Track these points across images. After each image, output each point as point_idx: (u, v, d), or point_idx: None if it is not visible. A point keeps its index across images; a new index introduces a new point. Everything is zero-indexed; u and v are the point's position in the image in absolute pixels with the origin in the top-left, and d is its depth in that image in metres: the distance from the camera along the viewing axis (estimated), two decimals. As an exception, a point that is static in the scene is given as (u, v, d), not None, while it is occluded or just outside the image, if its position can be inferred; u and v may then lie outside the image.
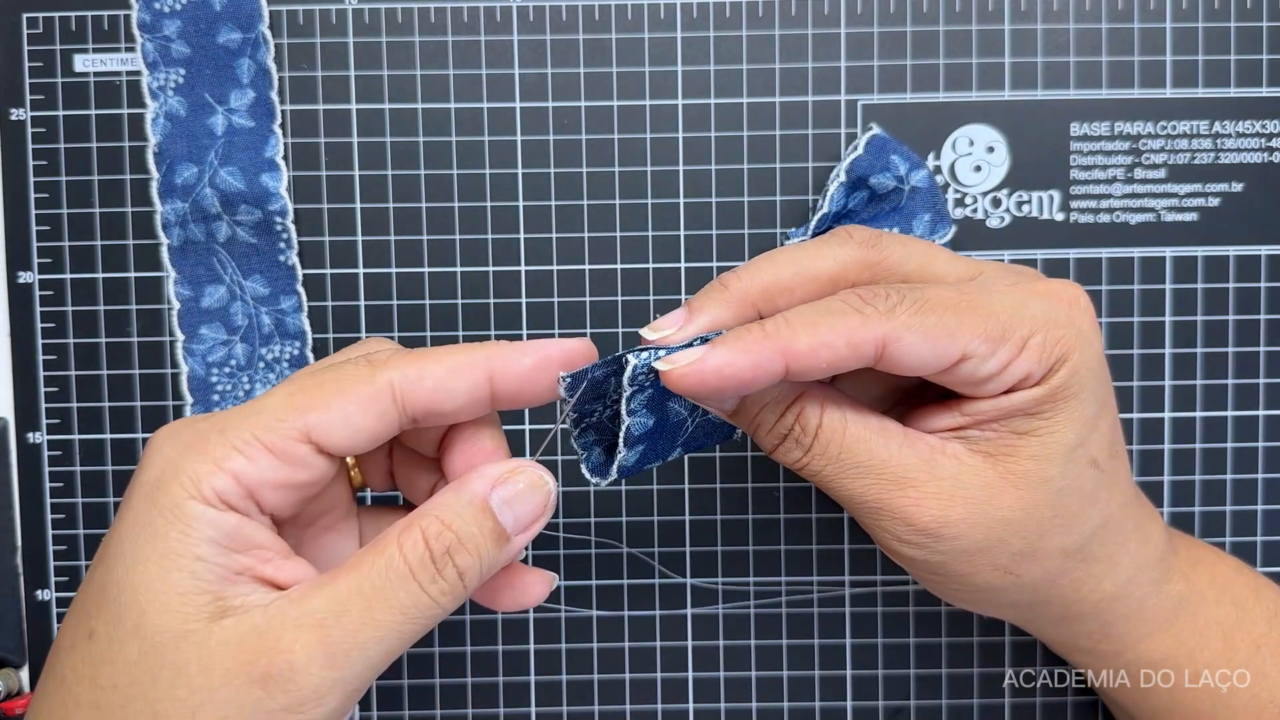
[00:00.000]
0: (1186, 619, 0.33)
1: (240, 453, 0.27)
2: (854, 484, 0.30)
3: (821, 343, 0.28)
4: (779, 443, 0.30)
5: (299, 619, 0.26)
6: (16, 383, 0.41)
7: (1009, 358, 0.29)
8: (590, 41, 0.40)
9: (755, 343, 0.28)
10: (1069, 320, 0.30)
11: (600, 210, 0.40)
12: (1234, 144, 0.40)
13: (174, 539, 0.26)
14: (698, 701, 0.41)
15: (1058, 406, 0.29)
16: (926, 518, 0.29)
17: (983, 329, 0.28)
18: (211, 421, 0.27)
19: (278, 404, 0.27)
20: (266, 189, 0.40)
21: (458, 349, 0.29)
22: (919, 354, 0.28)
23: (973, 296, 0.29)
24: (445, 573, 0.27)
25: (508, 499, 0.28)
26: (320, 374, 0.28)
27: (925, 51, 0.40)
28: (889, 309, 0.28)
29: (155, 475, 0.27)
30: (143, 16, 0.39)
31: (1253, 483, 0.41)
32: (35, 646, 0.41)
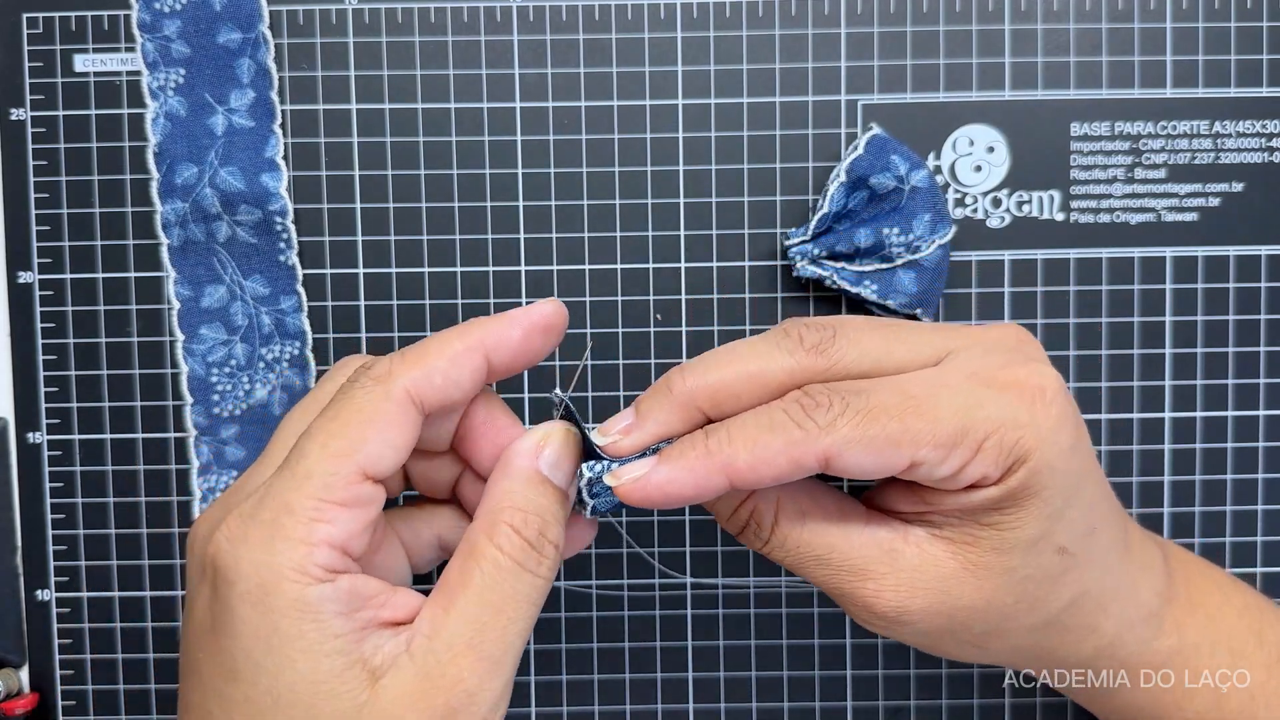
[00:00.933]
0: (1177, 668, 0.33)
1: (320, 521, 0.27)
2: (815, 573, 0.30)
3: (762, 460, 0.28)
4: (739, 531, 0.31)
5: (450, 649, 0.27)
6: (16, 383, 0.41)
7: (962, 462, 0.28)
8: (590, 41, 0.40)
9: (698, 460, 0.28)
10: (1030, 419, 0.28)
11: (600, 210, 0.40)
12: (1234, 144, 0.40)
13: (310, 632, 0.27)
14: (698, 702, 0.41)
15: (1019, 504, 0.29)
16: (888, 608, 0.30)
17: (930, 436, 0.27)
18: (269, 507, 0.27)
19: (322, 460, 0.27)
20: (266, 189, 0.40)
21: (449, 337, 0.29)
22: (863, 465, 0.28)
23: (920, 402, 0.28)
24: (545, 551, 0.29)
25: (553, 462, 0.30)
26: (339, 410, 0.28)
27: (925, 51, 0.40)
28: (829, 422, 0.28)
29: (256, 583, 0.26)
30: (143, 16, 0.39)
31: (1253, 483, 0.41)
32: (35, 647, 0.41)
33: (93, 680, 0.41)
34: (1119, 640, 0.32)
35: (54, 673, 0.41)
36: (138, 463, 0.41)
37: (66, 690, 0.41)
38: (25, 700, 0.40)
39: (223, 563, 0.27)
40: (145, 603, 0.41)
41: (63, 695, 0.41)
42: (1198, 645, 0.33)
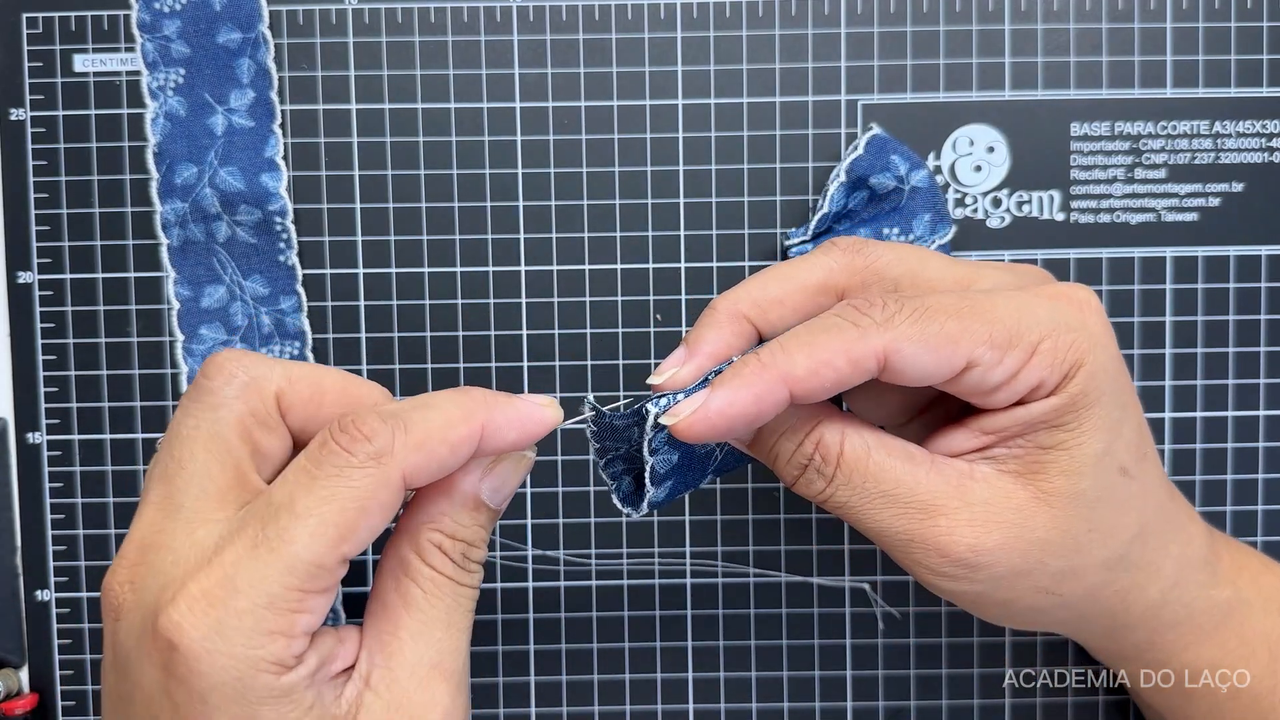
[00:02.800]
0: (1233, 628, 0.32)
1: (301, 613, 0.26)
2: (881, 514, 0.29)
3: (820, 362, 0.27)
4: (799, 474, 0.29)
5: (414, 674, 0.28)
6: (16, 383, 0.41)
7: (1018, 364, 0.28)
8: (590, 41, 0.40)
9: (754, 375, 0.27)
10: (1080, 323, 0.28)
11: (600, 210, 0.40)
12: (1234, 144, 0.40)
13: (289, 714, 0.26)
14: (698, 702, 0.41)
15: (1080, 416, 0.28)
16: (961, 547, 0.28)
17: (988, 335, 0.27)
18: (246, 595, 0.25)
19: (310, 548, 0.26)
20: (266, 189, 0.40)
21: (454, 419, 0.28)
22: (922, 364, 0.27)
23: (976, 301, 0.28)
24: (470, 568, 0.29)
25: (497, 488, 0.30)
26: (335, 492, 0.26)
27: (925, 51, 0.40)
28: (886, 318, 0.27)
29: (234, 678, 0.25)
30: (142, 16, 0.39)
31: (1253, 483, 0.41)
32: (35, 647, 0.41)
33: (92, 680, 0.41)
34: (1180, 584, 0.31)
35: (54, 673, 0.41)
36: (138, 463, 0.41)
37: (66, 690, 0.41)
38: (25, 700, 0.40)
39: (190, 651, 0.25)
40: (145, 603, 0.41)
41: (62, 695, 0.41)
42: (1251, 602, 0.33)
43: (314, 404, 0.30)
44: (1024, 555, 0.29)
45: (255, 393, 0.29)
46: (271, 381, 0.29)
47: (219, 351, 0.30)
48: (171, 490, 0.28)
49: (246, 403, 0.29)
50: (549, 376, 0.40)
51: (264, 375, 0.29)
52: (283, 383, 0.29)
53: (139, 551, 0.27)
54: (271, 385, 0.29)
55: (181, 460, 0.28)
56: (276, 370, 0.29)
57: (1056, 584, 0.30)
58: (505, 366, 0.40)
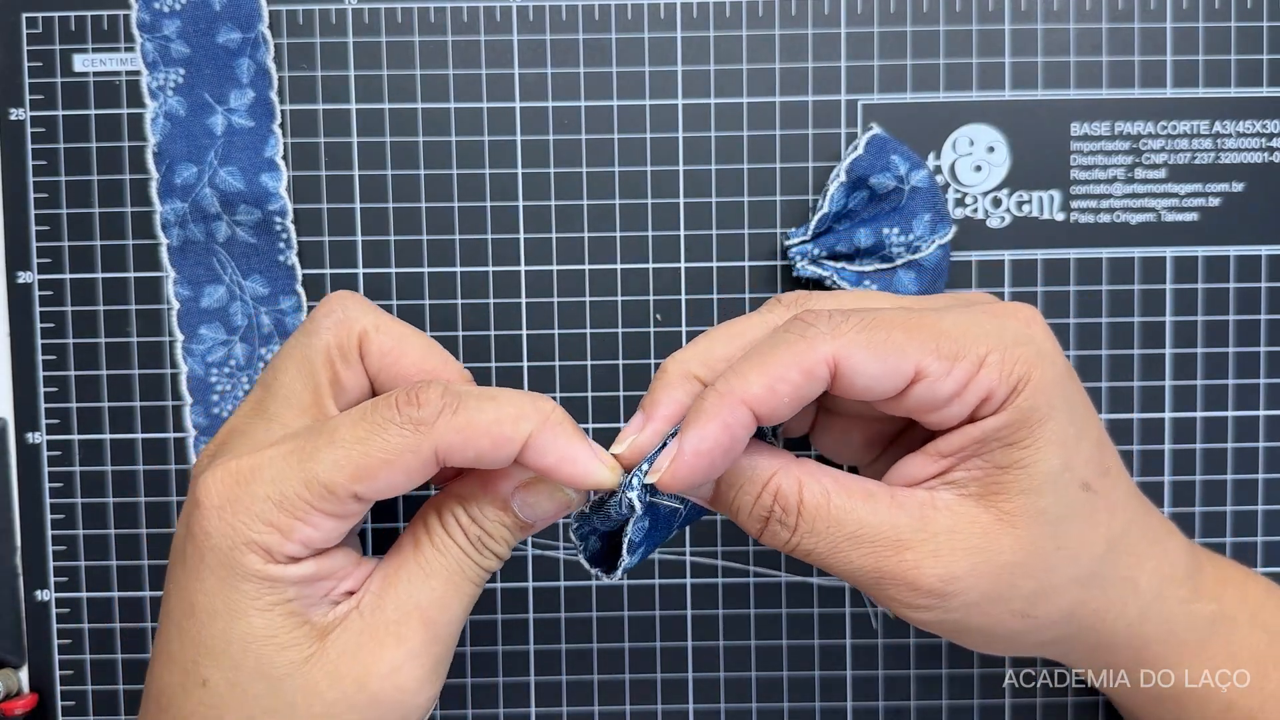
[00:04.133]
0: (1219, 643, 0.32)
1: (303, 523, 0.28)
2: (849, 556, 0.29)
3: (775, 377, 0.28)
4: (763, 526, 0.30)
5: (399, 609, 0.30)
6: (16, 383, 0.41)
7: (966, 375, 0.28)
8: (590, 41, 0.40)
9: (714, 405, 0.28)
10: (1027, 338, 0.29)
11: (600, 210, 0.40)
12: (1234, 144, 0.40)
13: (265, 594, 0.29)
14: (698, 702, 0.41)
15: (1033, 431, 0.28)
16: (930, 578, 0.29)
17: (934, 346, 0.28)
18: (263, 482, 0.28)
19: (328, 471, 0.28)
20: (266, 189, 0.40)
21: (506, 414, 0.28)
22: (871, 372, 0.28)
23: (923, 316, 0.29)
24: (485, 554, 0.31)
25: (525, 504, 0.31)
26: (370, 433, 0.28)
27: (925, 51, 0.40)
28: (833, 327, 0.28)
29: (226, 544, 0.28)
30: (142, 16, 0.39)
31: (1253, 483, 0.41)
32: (35, 647, 0.41)
33: (92, 680, 0.41)
34: (1160, 599, 0.31)
35: (54, 673, 0.41)
36: (137, 463, 0.41)
37: (66, 690, 0.41)
38: (25, 700, 0.40)
39: (205, 509, 0.29)
40: (144, 603, 0.41)
41: (62, 695, 0.41)
42: (1235, 616, 0.33)
43: (392, 356, 0.32)
44: (994, 579, 0.29)
45: (345, 329, 0.32)
46: (359, 323, 0.32)
47: (337, 292, 0.34)
48: (265, 395, 0.32)
49: (335, 335, 0.32)
50: (549, 376, 0.40)
51: (355, 317, 0.32)
52: (370, 328, 0.32)
53: (226, 433, 0.32)
54: (358, 326, 0.32)
55: (276, 372, 0.32)
56: (369, 316, 0.33)
57: (1031, 606, 0.30)
58: (505, 366, 0.40)
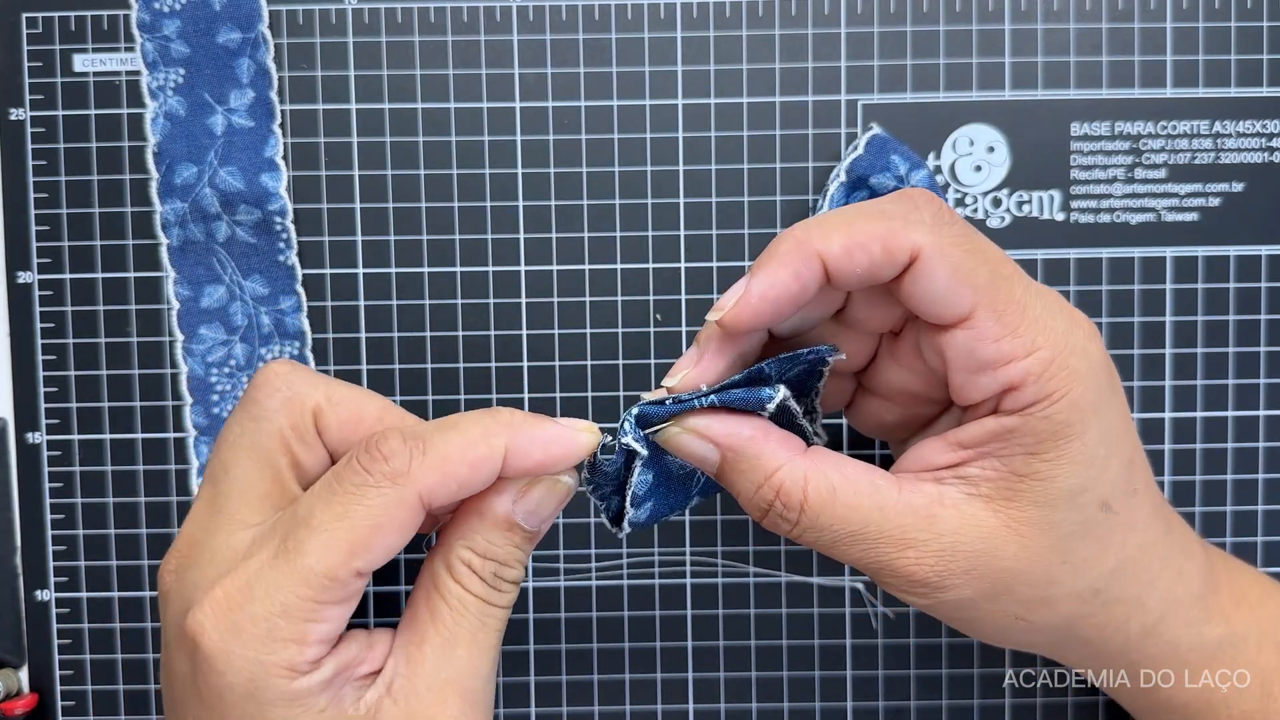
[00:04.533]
0: (1223, 663, 0.32)
1: (314, 621, 0.27)
2: (850, 550, 0.29)
3: (858, 244, 0.27)
4: (763, 515, 0.30)
5: (431, 688, 0.29)
6: (16, 383, 0.41)
7: (1009, 353, 0.27)
8: (590, 41, 0.40)
9: (789, 251, 0.27)
10: (1084, 352, 0.28)
11: (600, 210, 0.40)
12: (1234, 144, 0.40)
13: (299, 713, 0.27)
14: (698, 702, 0.41)
15: (1059, 447, 0.28)
16: (928, 573, 0.29)
17: (1003, 307, 0.27)
18: (262, 602, 0.27)
19: (323, 560, 0.27)
20: (266, 189, 0.40)
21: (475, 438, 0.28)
22: (937, 285, 0.27)
23: (1014, 270, 0.28)
24: (503, 588, 0.30)
25: (529, 511, 0.30)
26: (349, 508, 0.27)
27: (925, 51, 0.40)
28: (936, 222, 0.27)
29: (246, 677, 0.27)
30: (142, 16, 0.39)
31: (1253, 483, 0.41)
32: (34, 647, 0.41)
33: (92, 680, 0.41)
34: (1165, 620, 0.31)
35: (54, 673, 0.41)
36: (137, 463, 0.41)
37: (66, 690, 0.41)
38: (25, 700, 0.40)
39: (209, 651, 0.27)
40: (144, 603, 0.41)
41: (62, 695, 0.41)
42: (1245, 637, 0.32)
43: (350, 427, 0.31)
44: (992, 582, 0.29)
45: (295, 408, 0.30)
46: (311, 399, 0.30)
47: (272, 362, 0.31)
48: (217, 492, 0.30)
49: (287, 416, 0.30)
50: (549, 376, 0.40)
51: (305, 393, 0.30)
52: (323, 402, 0.30)
53: (187, 545, 0.30)
54: (310, 403, 0.30)
55: (227, 464, 0.30)
56: (319, 389, 0.31)
57: (1026, 610, 0.30)
58: (505, 366, 0.40)
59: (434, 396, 0.40)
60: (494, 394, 0.40)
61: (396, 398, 0.40)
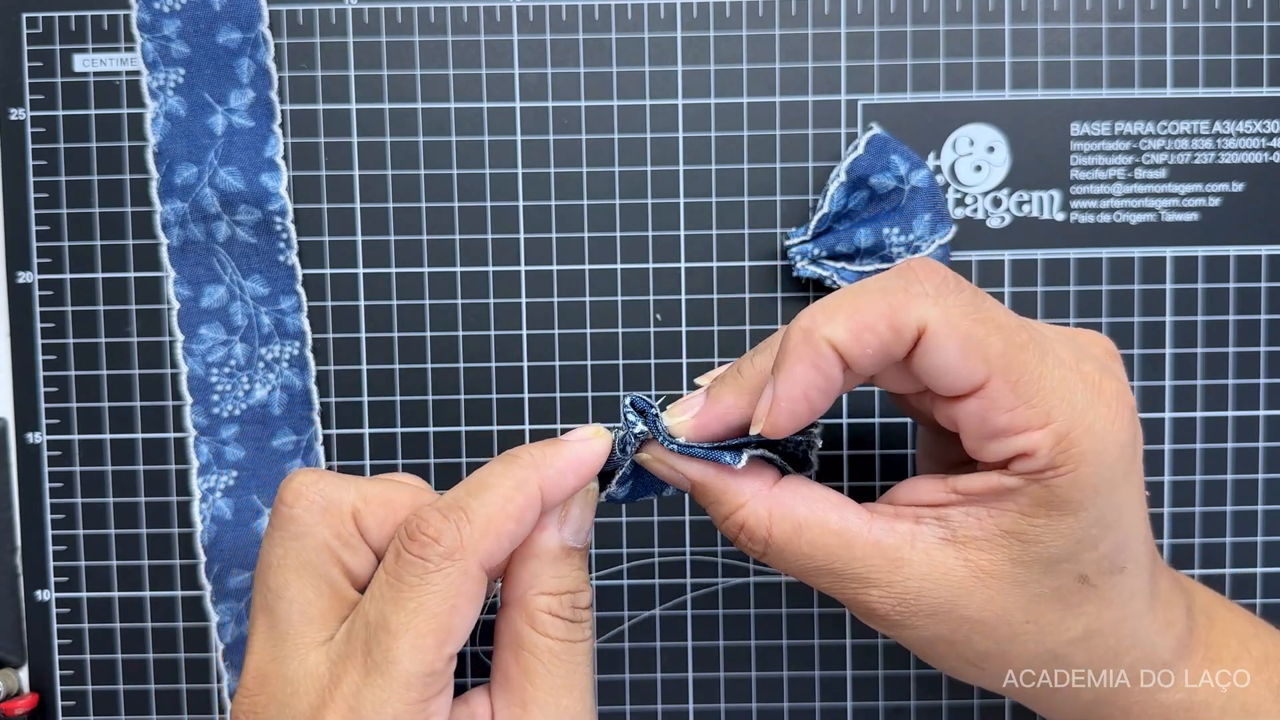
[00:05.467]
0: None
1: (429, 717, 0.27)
2: (818, 581, 0.29)
3: (864, 325, 0.26)
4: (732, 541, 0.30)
5: None
6: (16, 383, 0.41)
7: (1026, 423, 0.26)
8: (590, 41, 0.40)
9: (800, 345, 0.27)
10: (1103, 430, 0.27)
11: (600, 210, 0.40)
12: (1234, 144, 0.40)
13: None
14: (698, 702, 0.41)
15: (1052, 519, 0.27)
16: (890, 611, 0.29)
17: (1018, 376, 0.26)
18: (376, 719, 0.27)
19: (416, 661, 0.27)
20: (266, 189, 0.40)
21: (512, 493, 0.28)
22: (947, 359, 0.26)
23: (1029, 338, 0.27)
24: (582, 619, 0.30)
25: (576, 529, 0.30)
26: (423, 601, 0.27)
27: (925, 51, 0.40)
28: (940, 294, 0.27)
29: None
30: (142, 16, 0.39)
31: (1253, 483, 0.41)
32: (35, 647, 0.41)
33: (93, 680, 0.41)
34: (1123, 691, 0.30)
35: (54, 673, 0.41)
36: (137, 463, 0.41)
37: (66, 690, 0.41)
38: (25, 700, 0.40)
39: None
40: (145, 603, 0.41)
41: (63, 695, 0.41)
42: (1208, 704, 0.31)
43: (389, 521, 0.30)
44: (952, 628, 0.29)
45: (335, 516, 0.30)
46: (347, 504, 0.30)
47: (294, 474, 0.30)
48: (274, 620, 0.29)
49: (329, 527, 0.29)
50: (549, 376, 0.40)
51: (339, 499, 0.30)
52: (358, 503, 0.30)
53: (256, 682, 0.29)
54: (347, 507, 0.30)
55: (278, 590, 0.29)
56: (350, 491, 0.30)
57: (982, 660, 0.30)
58: (505, 366, 0.40)
59: (434, 396, 0.41)
60: (494, 394, 0.40)
61: (397, 398, 0.40)
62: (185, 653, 0.41)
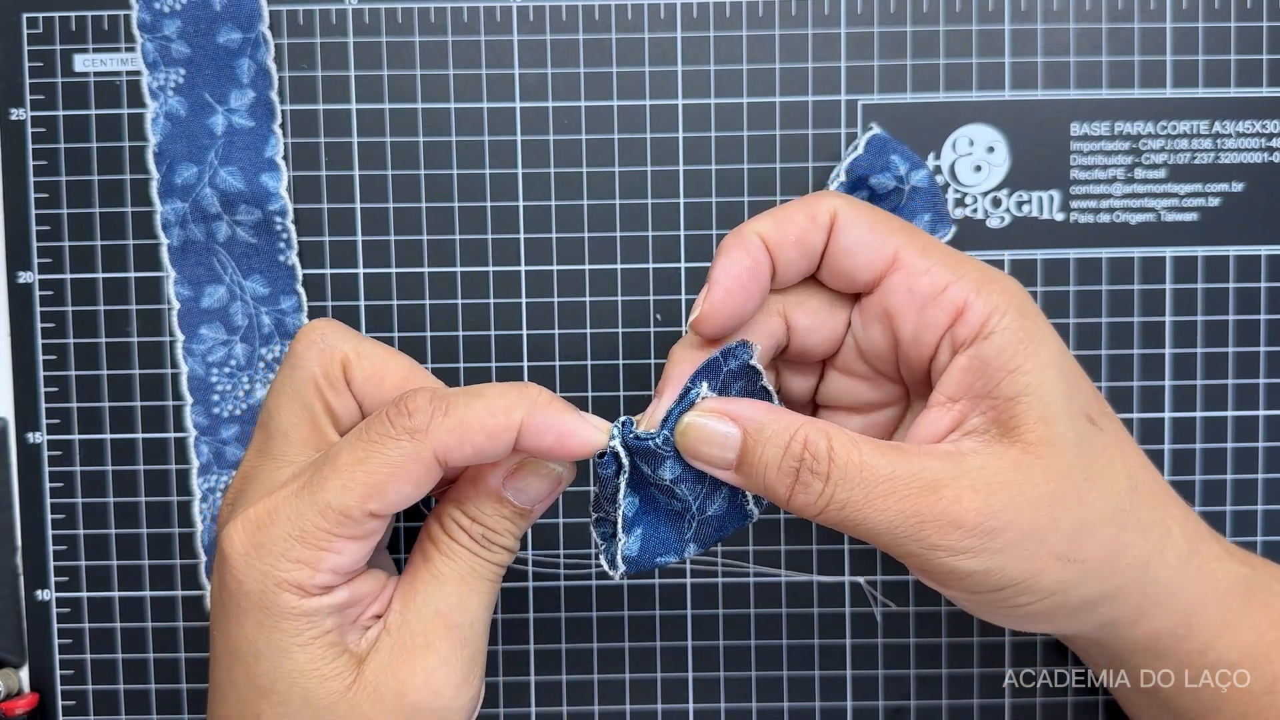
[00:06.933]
0: (1259, 609, 0.32)
1: (327, 551, 0.30)
2: (886, 504, 0.28)
3: (784, 218, 0.31)
4: (793, 480, 0.29)
5: (420, 619, 0.31)
6: (16, 383, 0.41)
7: (943, 280, 0.30)
8: (590, 41, 0.40)
9: (731, 240, 0.31)
10: (1005, 278, 0.31)
11: (600, 210, 0.40)
12: (1234, 144, 0.40)
13: (304, 630, 0.30)
14: (698, 702, 0.41)
15: (1031, 352, 0.30)
16: (972, 513, 0.28)
17: (920, 246, 0.31)
18: (281, 524, 0.30)
19: (340, 496, 0.29)
20: (266, 189, 0.40)
21: (495, 409, 0.30)
22: (859, 235, 0.31)
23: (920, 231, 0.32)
24: (492, 550, 0.32)
25: (519, 488, 0.32)
26: (369, 454, 0.29)
27: (925, 51, 0.40)
28: (842, 195, 0.32)
29: (259, 588, 0.30)
30: (143, 16, 0.39)
31: (1253, 483, 0.41)
32: (35, 647, 0.41)
33: (93, 680, 0.41)
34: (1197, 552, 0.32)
35: (54, 673, 0.41)
36: (138, 463, 0.41)
37: (66, 690, 0.41)
38: (25, 700, 0.40)
39: (233, 561, 0.30)
40: (145, 603, 0.41)
41: (63, 695, 0.41)
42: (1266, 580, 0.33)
43: (374, 381, 0.33)
44: (1033, 512, 0.29)
45: (327, 357, 0.33)
46: (340, 350, 0.33)
47: (314, 320, 0.34)
48: (265, 437, 0.33)
49: (319, 365, 0.33)
50: (549, 376, 0.40)
51: (335, 345, 0.33)
52: (350, 354, 0.33)
53: (240, 480, 0.33)
54: (339, 353, 0.33)
55: (271, 411, 0.33)
56: (348, 342, 0.33)
57: (1073, 546, 0.29)
58: (505, 366, 0.40)
59: (434, 396, 0.41)
60: (494, 394, 0.40)
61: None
62: (185, 653, 0.41)
